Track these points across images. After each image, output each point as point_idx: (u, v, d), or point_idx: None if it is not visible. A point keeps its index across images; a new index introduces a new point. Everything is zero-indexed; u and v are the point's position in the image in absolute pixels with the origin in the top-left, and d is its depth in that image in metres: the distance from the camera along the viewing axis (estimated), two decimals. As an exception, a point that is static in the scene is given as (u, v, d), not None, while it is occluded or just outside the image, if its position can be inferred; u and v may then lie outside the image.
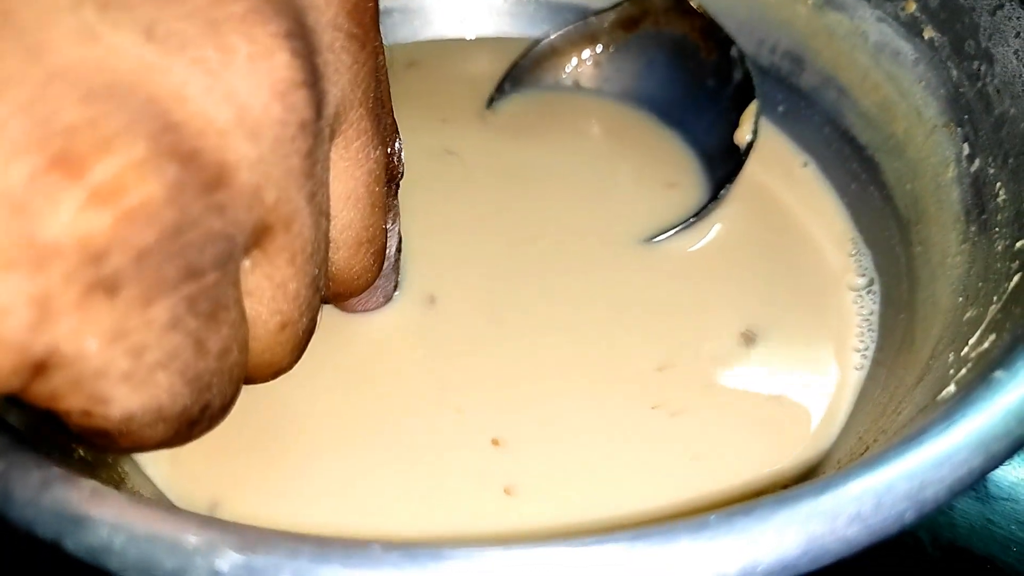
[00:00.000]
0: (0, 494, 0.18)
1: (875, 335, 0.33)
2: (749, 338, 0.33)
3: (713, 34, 0.40)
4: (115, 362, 0.16)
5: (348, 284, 0.24)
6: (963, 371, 0.23)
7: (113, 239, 0.15)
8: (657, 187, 0.39)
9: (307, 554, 0.17)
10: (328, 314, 0.33)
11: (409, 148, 0.41)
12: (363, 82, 0.20)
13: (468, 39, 0.46)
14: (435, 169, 0.40)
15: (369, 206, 0.22)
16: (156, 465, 0.29)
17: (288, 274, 0.19)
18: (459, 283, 0.34)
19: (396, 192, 0.28)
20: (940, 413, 0.19)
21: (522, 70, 0.43)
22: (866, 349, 0.32)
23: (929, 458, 0.18)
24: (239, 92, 0.16)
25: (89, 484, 0.19)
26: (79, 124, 0.15)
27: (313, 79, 0.18)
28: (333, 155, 0.20)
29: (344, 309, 0.32)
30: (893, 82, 0.34)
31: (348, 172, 0.21)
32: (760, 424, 0.30)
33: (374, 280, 0.25)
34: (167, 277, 0.16)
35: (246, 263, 0.18)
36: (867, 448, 0.25)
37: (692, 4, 0.40)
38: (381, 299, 0.32)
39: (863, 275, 0.35)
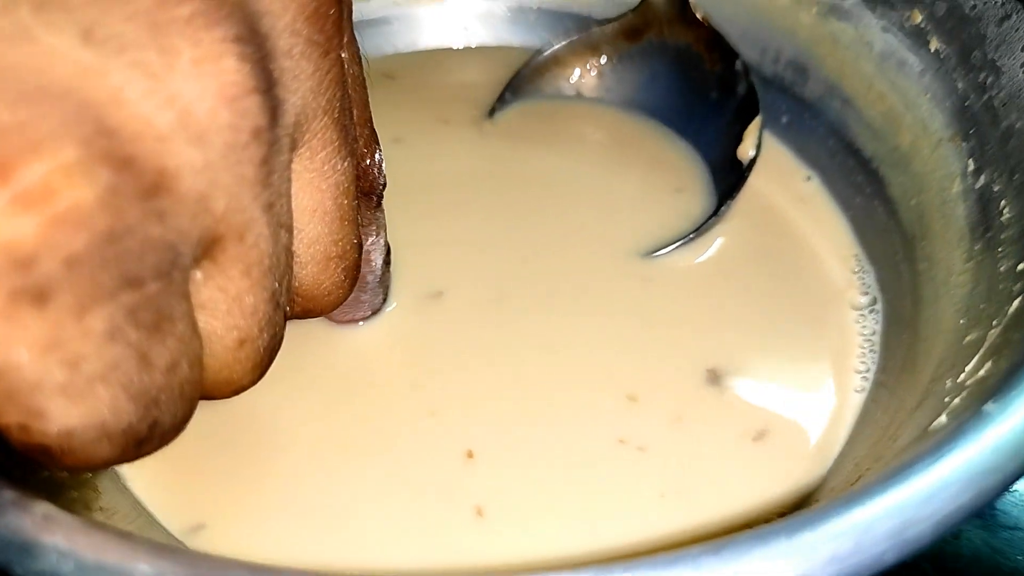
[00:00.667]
0: (-52, 520, 0.18)
1: (877, 356, 0.31)
2: (746, 357, 0.32)
3: (717, 45, 0.39)
4: (50, 373, 0.15)
5: (318, 301, 0.23)
6: (957, 400, 0.22)
7: (40, 245, 0.14)
8: (664, 193, 0.38)
9: (257, 586, 0.16)
10: (317, 325, 0.32)
11: (407, 158, 0.41)
12: (327, 90, 0.20)
13: (470, 47, 0.45)
14: (434, 179, 0.39)
15: (338, 220, 0.21)
16: (138, 480, 0.29)
17: (243, 287, 0.18)
18: (453, 295, 0.34)
19: (379, 203, 0.27)
20: (927, 447, 0.18)
21: (524, 79, 0.42)
22: (867, 370, 0.31)
23: (912, 496, 0.17)
24: (182, 96, 0.16)
25: (42, 509, 0.18)
26: (7, 127, 0.14)
27: (266, 85, 0.17)
28: (296, 166, 0.20)
29: (330, 320, 0.32)
30: (898, 93, 0.33)
31: (314, 184, 0.20)
32: (753, 449, 0.29)
33: (346, 296, 0.24)
34: (103, 285, 0.15)
35: (197, 274, 0.18)
36: (860, 477, 0.24)
37: (697, 15, 0.39)
38: (368, 312, 0.32)
39: (866, 293, 0.34)
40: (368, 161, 0.25)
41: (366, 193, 0.26)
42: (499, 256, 0.36)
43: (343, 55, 0.20)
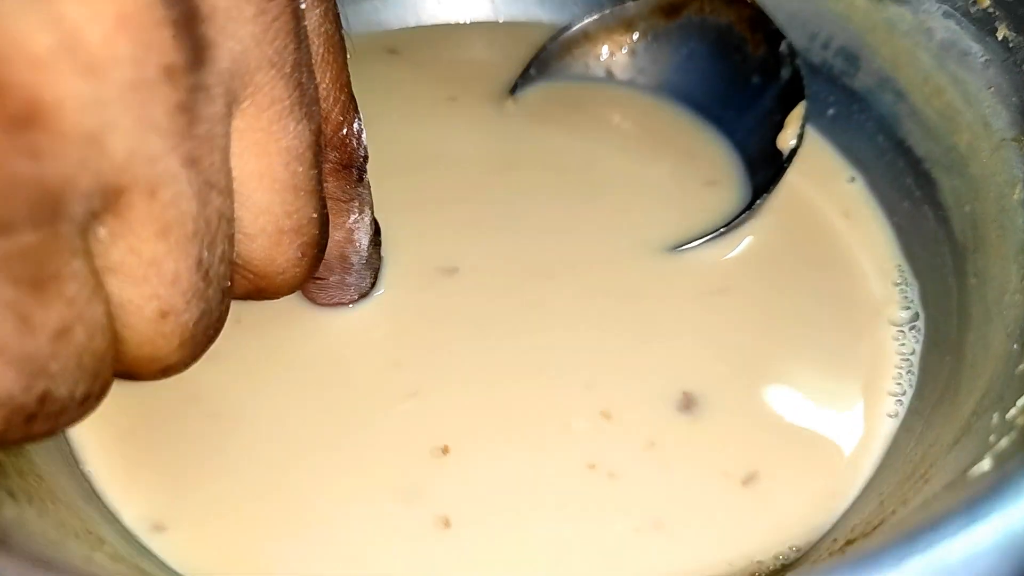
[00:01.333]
0: None
1: (914, 378, 0.28)
2: (767, 368, 0.29)
3: (762, 26, 0.35)
4: None
5: (272, 279, 0.21)
6: (1004, 441, 0.18)
7: None
8: (694, 185, 0.35)
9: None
10: (301, 307, 0.30)
11: (421, 135, 0.38)
12: (274, 40, 0.17)
13: (497, 22, 0.43)
14: (447, 158, 0.36)
15: (291, 189, 0.19)
16: (103, 472, 0.27)
17: (160, 251, 0.16)
18: (450, 282, 0.31)
19: (361, 178, 0.25)
20: (961, 501, 0.15)
21: (550, 55, 0.39)
22: (903, 394, 0.28)
23: (938, 566, 0.14)
24: (69, 18, 0.14)
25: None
26: None
27: (186, 18, 0.15)
28: (240, 123, 0.17)
29: (318, 302, 0.29)
30: (958, 87, 0.30)
31: (260, 146, 0.18)
32: (775, 475, 0.26)
33: (305, 276, 0.22)
34: None
35: (100, 231, 0.16)
36: (883, 520, 0.21)
37: None
38: (355, 296, 0.29)
39: (907, 308, 0.30)
40: (345, 131, 0.23)
41: (345, 166, 0.24)
42: (510, 243, 0.33)
43: (300, 4, 0.18)
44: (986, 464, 0.17)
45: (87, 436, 0.27)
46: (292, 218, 0.20)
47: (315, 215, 0.20)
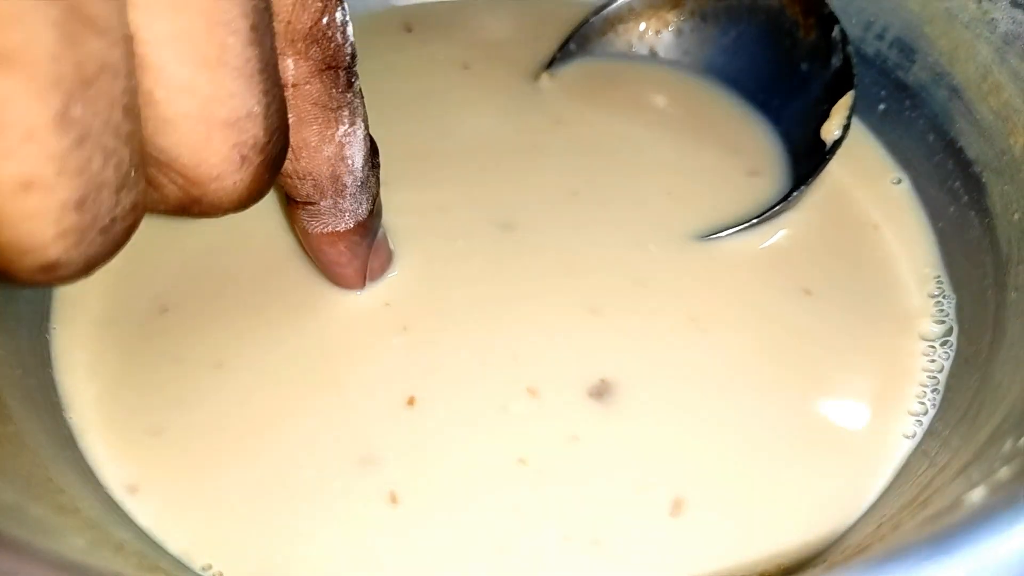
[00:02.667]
0: None
1: (939, 397, 0.26)
2: (783, 370, 0.27)
3: (815, 10, 0.33)
4: None
5: (206, 188, 0.18)
6: (1005, 470, 0.16)
7: None
8: (736, 175, 0.33)
9: None
10: (310, 288, 0.29)
11: (443, 112, 0.36)
12: None
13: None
14: (483, 133, 0.35)
15: (217, 66, 0.16)
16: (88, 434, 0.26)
17: (5, 88, 0.13)
18: (465, 263, 0.30)
19: (350, 83, 0.22)
20: (938, 533, 0.13)
21: (592, 31, 0.37)
22: (924, 414, 0.26)
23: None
24: None
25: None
26: None
27: None
28: None
29: (311, 232, 0.25)
30: (1018, 84, 0.27)
31: (174, 1, 0.15)
32: (766, 488, 0.24)
33: (252, 193, 0.18)
34: None
35: None
36: (869, 545, 0.19)
37: None
38: (351, 222, 0.25)
39: (941, 322, 0.28)
40: (325, 19, 0.19)
41: (330, 66, 0.21)
42: (533, 225, 0.31)
43: None
44: (980, 492, 0.15)
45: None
46: (224, 107, 0.17)
47: (258, 109, 0.17)
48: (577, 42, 0.37)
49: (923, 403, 0.26)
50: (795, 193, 0.31)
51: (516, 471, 0.25)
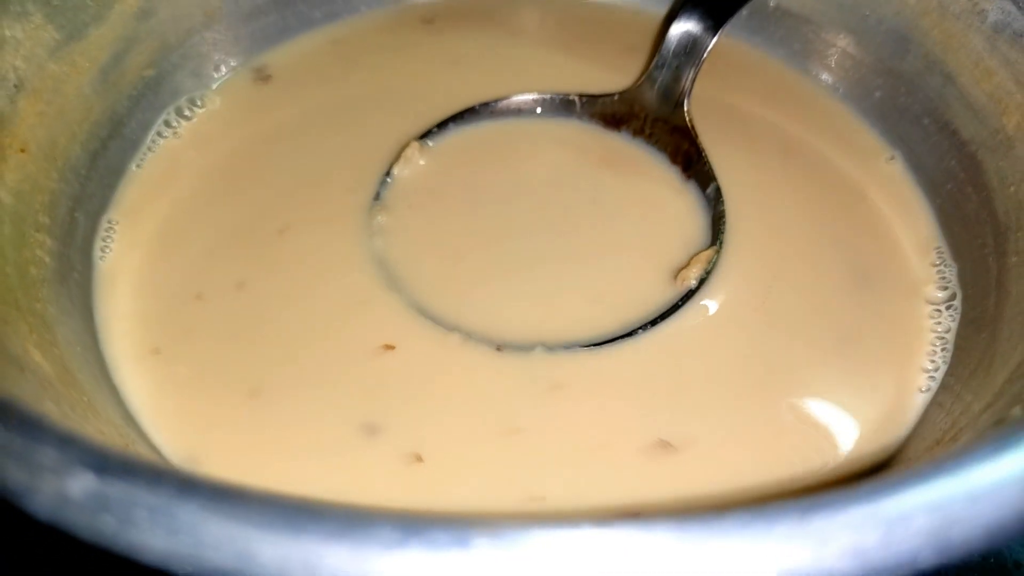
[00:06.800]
0: None
1: (948, 355, 0.28)
2: (799, 345, 0.29)
3: (695, 163, 0.33)
4: None
5: None
6: (1033, 397, 0.18)
7: None
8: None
9: (169, 490, 0.14)
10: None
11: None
12: None
13: None
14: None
15: None
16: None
17: None
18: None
19: None
20: (989, 439, 0.15)
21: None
22: (936, 370, 0.28)
23: (962, 489, 0.14)
24: None
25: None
26: None
27: None
28: None
29: None
30: (1010, 69, 0.29)
31: None
32: (790, 443, 0.26)
33: None
34: None
35: None
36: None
37: (687, 121, 0.33)
38: None
39: (945, 288, 0.30)
40: None
41: None
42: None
43: None
44: (1018, 411, 0.17)
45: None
46: None
47: None
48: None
49: (934, 361, 0.28)
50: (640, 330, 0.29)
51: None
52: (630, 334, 0.29)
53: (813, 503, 0.13)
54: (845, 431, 0.26)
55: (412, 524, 0.13)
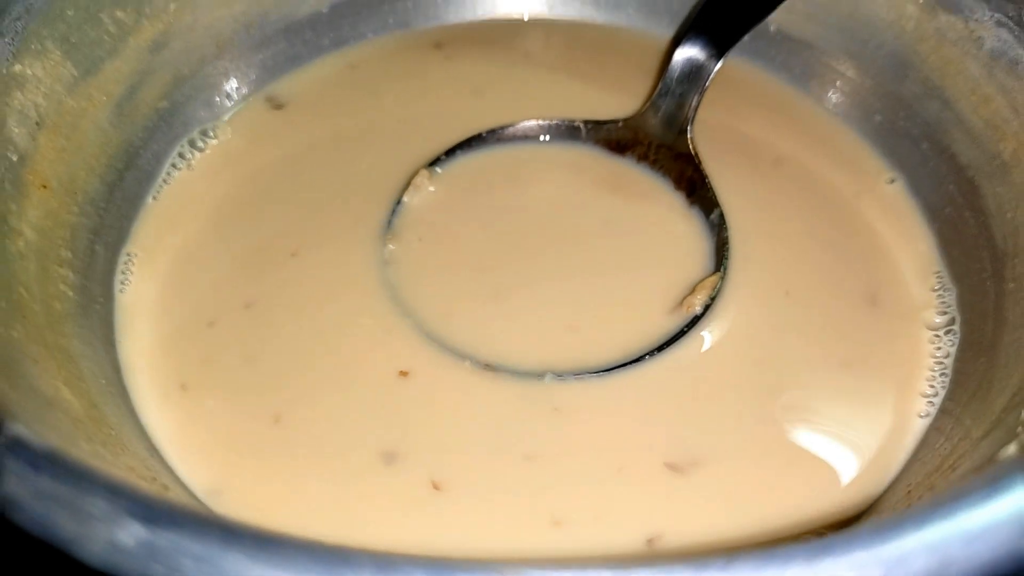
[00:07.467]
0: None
1: (947, 380, 0.29)
2: (801, 369, 0.29)
3: (699, 189, 0.33)
4: None
5: None
6: (1029, 431, 0.19)
7: None
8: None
9: (214, 538, 0.15)
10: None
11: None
12: None
13: (552, 20, 0.42)
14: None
15: None
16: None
17: None
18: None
19: None
20: (987, 476, 0.16)
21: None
22: (935, 395, 0.29)
23: (960, 530, 0.14)
24: None
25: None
26: None
27: None
28: None
29: None
30: (1006, 96, 0.30)
31: None
32: (794, 467, 0.27)
33: None
34: None
35: None
36: (909, 506, 0.22)
37: (690, 148, 0.34)
38: None
39: (944, 313, 0.31)
40: None
41: None
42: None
43: None
44: (1012, 448, 0.18)
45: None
46: None
47: None
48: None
49: (933, 386, 0.29)
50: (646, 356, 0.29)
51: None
52: (637, 360, 0.29)
53: (820, 546, 0.14)
54: (846, 456, 0.27)
55: (443, 569, 0.14)
